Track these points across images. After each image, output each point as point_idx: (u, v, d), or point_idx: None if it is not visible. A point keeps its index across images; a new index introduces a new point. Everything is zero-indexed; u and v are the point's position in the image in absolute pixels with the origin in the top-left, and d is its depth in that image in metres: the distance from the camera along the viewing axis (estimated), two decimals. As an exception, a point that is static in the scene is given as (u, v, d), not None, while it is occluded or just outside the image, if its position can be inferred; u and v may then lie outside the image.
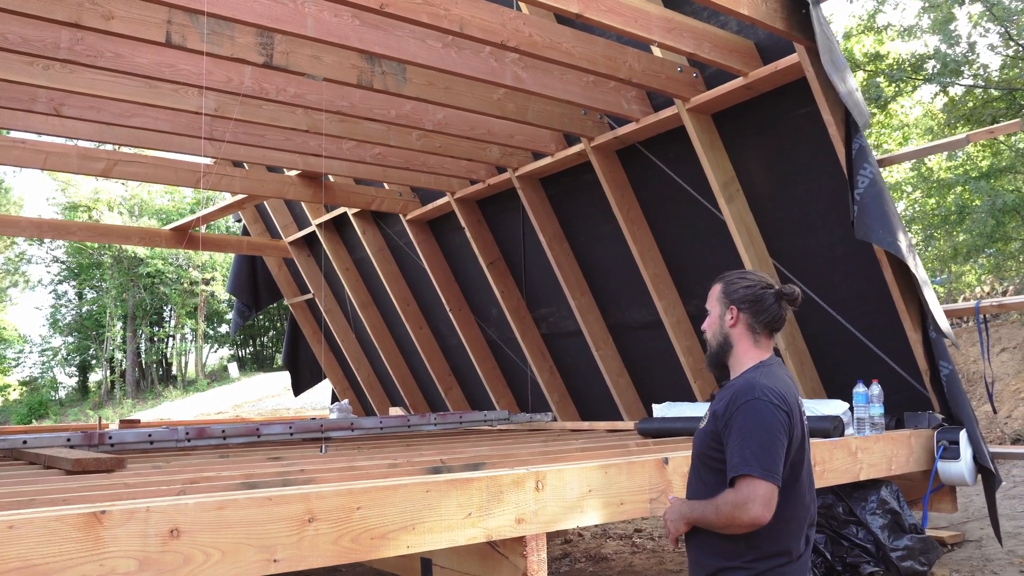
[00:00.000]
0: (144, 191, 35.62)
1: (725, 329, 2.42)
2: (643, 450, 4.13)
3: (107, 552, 2.21)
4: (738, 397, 2.26)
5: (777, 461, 2.17)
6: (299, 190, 8.22)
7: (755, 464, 2.16)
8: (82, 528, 2.18)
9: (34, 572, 2.10)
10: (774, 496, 2.17)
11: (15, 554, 2.08)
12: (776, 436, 2.19)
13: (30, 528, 2.10)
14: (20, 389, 39.82)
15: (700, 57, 4.90)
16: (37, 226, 10.55)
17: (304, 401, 21.71)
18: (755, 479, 2.15)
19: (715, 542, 2.29)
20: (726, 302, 2.42)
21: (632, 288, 6.70)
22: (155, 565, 2.29)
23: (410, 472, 3.39)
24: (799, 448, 2.30)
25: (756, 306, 2.38)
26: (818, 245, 5.44)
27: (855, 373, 4.91)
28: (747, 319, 2.39)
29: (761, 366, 2.35)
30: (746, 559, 2.24)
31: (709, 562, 2.30)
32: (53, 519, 2.14)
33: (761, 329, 2.39)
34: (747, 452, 2.18)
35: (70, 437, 5.23)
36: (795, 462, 2.28)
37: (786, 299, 2.40)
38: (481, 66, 4.99)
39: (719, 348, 2.44)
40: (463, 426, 7.07)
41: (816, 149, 5.17)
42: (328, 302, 10.40)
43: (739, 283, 2.42)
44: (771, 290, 2.40)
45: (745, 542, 2.24)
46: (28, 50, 4.52)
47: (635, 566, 6.30)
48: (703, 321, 2.53)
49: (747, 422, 2.21)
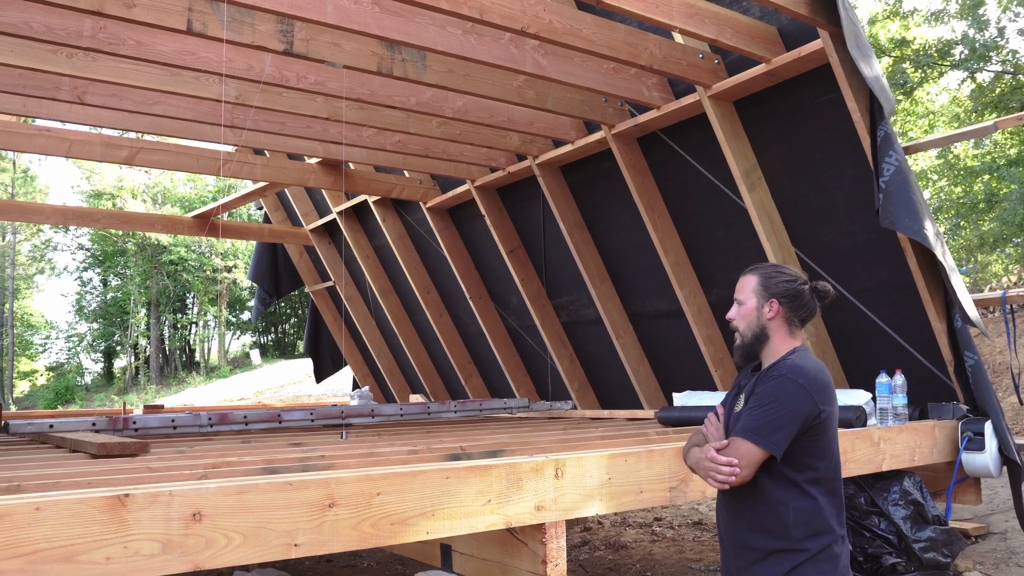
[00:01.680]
0: (167, 179, 35.92)
1: (763, 321, 2.47)
2: (663, 439, 4.12)
3: (131, 534, 2.23)
4: (772, 372, 2.39)
5: (777, 432, 2.27)
6: (319, 178, 8.24)
7: (754, 431, 2.29)
8: (106, 511, 2.20)
9: (60, 553, 2.13)
10: (757, 463, 2.29)
11: (41, 535, 2.11)
12: (787, 412, 2.29)
13: (56, 510, 2.13)
14: (47, 374, 40.42)
15: (722, 43, 4.85)
16: (62, 214, 10.67)
17: (325, 388, 21.86)
18: (746, 443, 2.28)
19: (763, 522, 2.34)
20: (765, 295, 2.48)
21: (652, 276, 6.67)
22: (178, 548, 2.31)
23: (430, 459, 3.40)
24: (834, 429, 2.38)
25: (796, 301, 2.47)
26: (841, 234, 5.38)
27: (878, 363, 4.87)
28: (785, 312, 2.46)
29: (796, 351, 2.44)
30: (797, 538, 2.29)
31: (759, 544, 2.34)
32: (78, 502, 2.16)
33: (797, 322, 2.48)
34: (751, 420, 2.32)
35: (95, 422, 5.30)
36: (832, 443, 2.36)
37: (819, 295, 2.50)
38: (501, 53, 4.97)
39: (754, 339, 2.49)
40: (483, 414, 7.08)
41: (839, 136, 5.11)
42: (348, 289, 10.45)
43: (778, 277, 2.49)
44: (807, 286, 2.49)
45: (793, 519, 2.30)
46: (52, 38, 4.55)
47: (655, 555, 6.30)
48: (725, 310, 2.56)
49: (766, 393, 2.34)
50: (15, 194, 36.46)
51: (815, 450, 2.32)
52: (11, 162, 35.79)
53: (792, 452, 2.30)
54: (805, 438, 2.30)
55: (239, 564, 2.47)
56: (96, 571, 2.18)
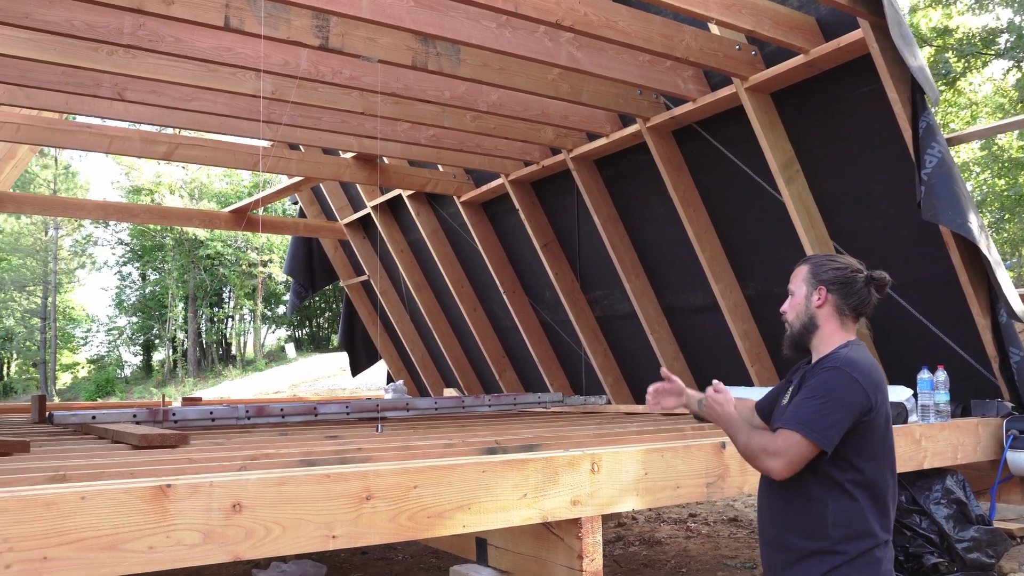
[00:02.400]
0: (203, 174, 36.41)
1: (811, 309, 2.39)
2: (699, 434, 4.09)
3: (173, 524, 2.27)
4: (823, 364, 2.30)
5: (830, 426, 2.17)
6: (354, 172, 8.30)
7: (805, 424, 2.18)
8: (149, 500, 2.24)
9: (105, 542, 2.16)
10: (807, 457, 2.19)
11: (87, 524, 2.14)
12: (840, 405, 2.19)
13: (100, 499, 2.17)
14: (88, 367, 41.23)
15: (759, 34, 4.79)
16: (103, 209, 10.86)
17: (359, 382, 22.02)
18: (796, 435, 2.18)
19: (801, 521, 2.26)
20: (814, 282, 2.40)
21: (688, 270, 6.62)
22: (218, 538, 2.34)
23: (465, 452, 3.41)
24: (885, 429, 2.28)
25: (845, 288, 2.37)
26: (881, 227, 5.30)
27: (919, 359, 4.78)
28: (835, 300, 2.38)
29: (849, 344, 2.34)
30: (835, 539, 2.21)
31: (796, 544, 2.27)
32: (122, 491, 2.20)
33: (849, 312, 2.38)
34: (802, 411, 2.21)
35: (136, 413, 5.39)
36: (881, 444, 2.27)
37: (875, 284, 2.39)
38: (535, 46, 4.96)
39: (802, 328, 2.41)
40: (517, 408, 7.09)
41: (880, 128, 5.03)
42: (383, 283, 10.50)
43: (828, 264, 2.41)
44: (861, 274, 2.39)
45: (833, 519, 2.21)
46: (93, 36, 4.63)
47: (689, 551, 6.27)
48: (761, 304, 2.52)
49: (818, 384, 2.24)
50: (57, 190, 37.21)
51: (861, 449, 2.22)
52: (53, 159, 36.51)
53: (837, 449, 2.20)
54: (852, 436, 2.21)
55: (278, 555, 2.49)
56: (140, 560, 2.21)
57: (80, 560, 2.14)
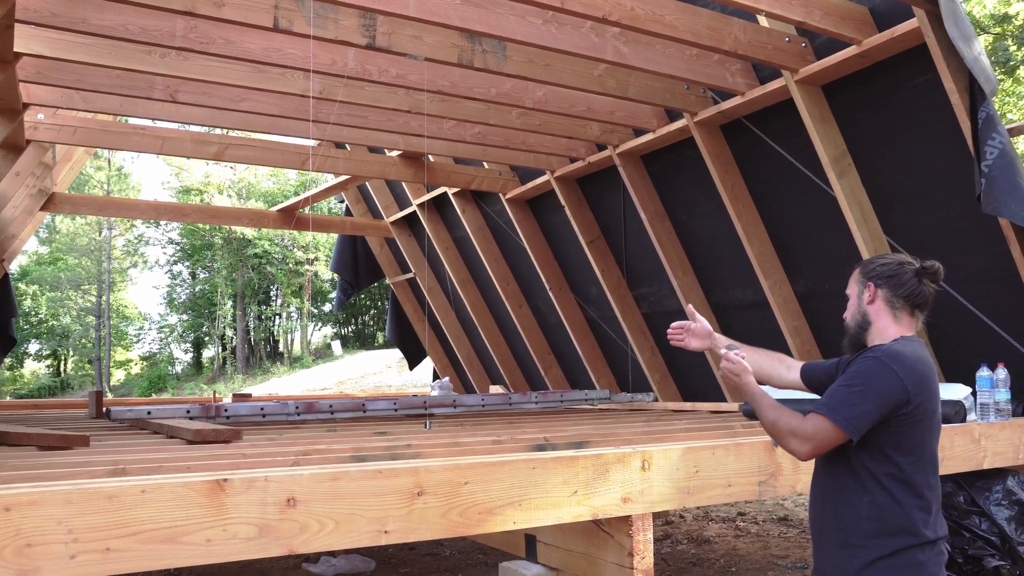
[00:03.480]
0: (251, 174, 36.96)
1: (863, 307, 2.40)
2: (750, 432, 4.04)
3: (229, 518, 2.30)
4: (867, 352, 2.31)
5: (859, 415, 2.17)
6: (400, 170, 8.35)
7: (834, 409, 2.19)
8: (206, 495, 2.27)
9: (164, 534, 2.21)
10: (834, 443, 2.20)
11: (147, 516, 2.19)
12: (873, 394, 2.18)
13: (160, 493, 2.21)
14: (140, 363, 42.17)
15: (810, 26, 4.71)
16: (156, 209, 11.09)
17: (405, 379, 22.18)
18: (825, 420, 2.18)
19: (839, 512, 2.26)
20: (863, 280, 2.42)
21: (736, 267, 6.53)
22: (273, 532, 2.37)
23: (514, 449, 3.40)
24: (928, 425, 2.24)
25: (893, 280, 2.36)
26: (937, 220, 5.17)
27: (978, 356, 4.65)
28: (885, 295, 2.36)
29: (903, 338, 2.32)
30: (868, 534, 2.19)
31: (833, 535, 2.28)
32: (181, 485, 2.24)
33: (901, 305, 2.36)
34: (835, 397, 2.23)
35: (189, 409, 5.49)
36: (923, 440, 2.23)
37: (927, 275, 2.36)
38: (582, 42, 4.93)
39: (857, 327, 2.41)
40: (563, 405, 7.07)
41: (935, 119, 4.90)
42: (428, 281, 10.56)
43: (876, 261, 2.44)
44: (910, 267, 2.37)
45: (868, 513, 2.20)
46: (146, 39, 4.72)
47: (739, 550, 6.19)
48: (811, 300, 2.55)
49: (856, 371, 2.25)
50: (111, 191, 38.10)
51: (899, 443, 2.19)
52: (107, 160, 37.39)
53: (873, 441, 2.19)
54: (889, 427, 2.18)
55: (331, 549, 2.52)
56: (197, 552, 2.25)
57: (141, 552, 2.19)
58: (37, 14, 4.40)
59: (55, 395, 35.17)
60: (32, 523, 2.07)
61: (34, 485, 2.23)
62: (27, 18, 4.40)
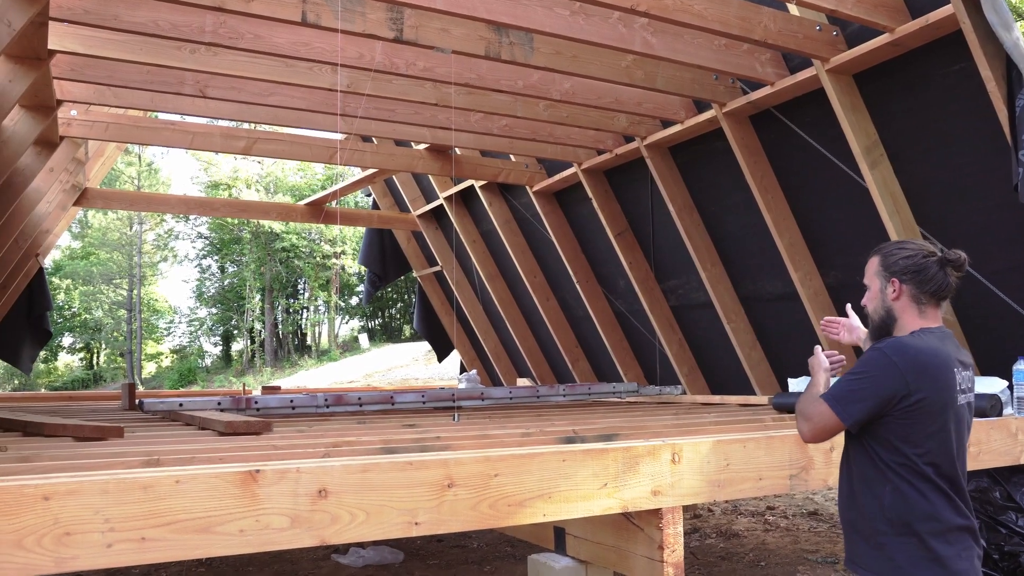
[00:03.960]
0: (278, 168, 37.24)
1: (888, 303, 2.35)
2: (781, 425, 4.00)
3: (262, 509, 2.32)
4: (875, 344, 2.31)
5: (854, 403, 2.20)
6: (428, 163, 8.37)
7: (834, 397, 2.24)
8: (239, 485, 2.29)
9: (198, 524, 2.23)
10: (831, 429, 2.26)
11: (181, 507, 2.21)
12: (870, 384, 2.19)
13: (194, 484, 2.23)
14: (171, 356, 42.71)
15: (841, 14, 4.64)
16: (186, 203, 11.20)
17: (432, 372, 22.26)
18: (826, 406, 2.24)
19: (863, 501, 2.27)
20: (886, 275, 2.35)
21: (766, 258, 6.47)
22: (305, 523, 2.39)
23: (544, 441, 3.40)
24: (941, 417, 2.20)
25: (919, 276, 2.30)
26: (972, 211, 5.08)
27: (1015, 349, 4.58)
28: (911, 290, 2.31)
29: (921, 331, 2.29)
30: (894, 522, 2.20)
31: (859, 525, 2.29)
32: (214, 476, 2.26)
33: (927, 300, 2.31)
34: (838, 385, 2.27)
35: (220, 401, 5.55)
36: (936, 432, 2.19)
37: (951, 266, 2.29)
38: (609, 32, 4.90)
39: (882, 323, 2.37)
40: (591, 398, 7.06)
41: (971, 108, 4.81)
42: (455, 274, 10.58)
43: (898, 254, 2.34)
44: (934, 258, 2.30)
45: (889, 501, 2.20)
46: (177, 35, 4.76)
47: (768, 544, 6.15)
48: (842, 293, 2.48)
49: (860, 362, 2.27)
50: (141, 186, 38.57)
51: (907, 436, 2.18)
52: (137, 156, 37.85)
53: (881, 432, 2.21)
54: (893, 420, 2.18)
55: (362, 540, 2.53)
56: (231, 542, 2.27)
57: (175, 541, 2.21)
58: (71, 12, 4.46)
59: (88, 387, 35.77)
60: (70, 512, 2.10)
61: (72, 475, 2.26)
62: (61, 16, 4.46)
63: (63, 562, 2.09)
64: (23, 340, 10.00)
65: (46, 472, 2.42)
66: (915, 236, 5.30)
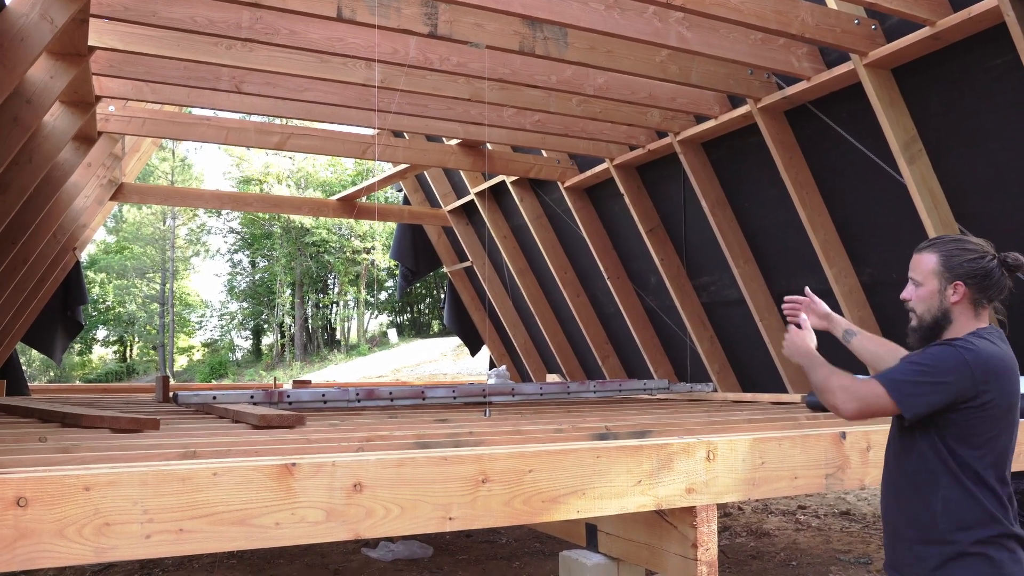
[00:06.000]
0: (309, 164, 37.51)
1: (946, 305, 2.23)
2: (815, 423, 3.96)
3: (298, 502, 2.33)
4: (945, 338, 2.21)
5: (918, 395, 2.10)
6: (459, 159, 8.37)
7: (894, 381, 2.13)
8: (275, 478, 2.30)
9: (235, 516, 2.24)
10: (881, 412, 2.15)
11: (218, 499, 2.23)
12: (940, 379, 2.10)
13: (231, 476, 2.25)
14: (202, 350, 43.24)
15: (880, 7, 4.57)
16: (219, 198, 11.32)
17: (461, 367, 22.31)
18: (882, 388, 2.12)
19: (914, 508, 2.18)
20: (949, 276, 2.22)
21: (799, 256, 6.40)
22: (340, 516, 2.39)
23: (577, 438, 3.39)
24: (1002, 422, 2.14)
25: (985, 281, 2.20)
26: (1014, 208, 4.98)
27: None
28: (972, 294, 2.21)
29: (981, 331, 2.21)
30: (944, 529, 2.12)
31: (908, 531, 2.20)
32: (251, 469, 2.27)
33: (985, 303, 2.24)
34: (898, 370, 2.17)
35: (253, 395, 5.60)
36: (995, 437, 2.14)
37: (1009, 268, 2.22)
38: (644, 27, 4.86)
39: (934, 323, 2.25)
40: (622, 394, 7.03)
41: (1014, 102, 4.72)
42: (486, 269, 10.59)
43: (962, 255, 2.22)
44: (993, 261, 2.22)
45: (942, 507, 2.12)
46: (214, 31, 4.81)
47: (799, 543, 6.09)
48: (876, 290, 2.43)
49: (929, 352, 2.17)
50: (175, 181, 39.04)
51: (965, 436, 2.11)
52: (171, 151, 38.32)
53: (938, 433, 2.12)
54: (954, 419, 2.11)
55: (396, 534, 2.54)
56: (268, 535, 2.29)
57: (212, 533, 2.23)
58: (111, 8, 4.51)
59: (121, 380, 36.29)
60: (110, 503, 2.12)
61: (112, 466, 2.29)
62: (101, 12, 4.51)
63: (103, 552, 2.11)
64: (56, 332, 10.18)
65: (85, 463, 2.46)
66: (953, 232, 5.21)
